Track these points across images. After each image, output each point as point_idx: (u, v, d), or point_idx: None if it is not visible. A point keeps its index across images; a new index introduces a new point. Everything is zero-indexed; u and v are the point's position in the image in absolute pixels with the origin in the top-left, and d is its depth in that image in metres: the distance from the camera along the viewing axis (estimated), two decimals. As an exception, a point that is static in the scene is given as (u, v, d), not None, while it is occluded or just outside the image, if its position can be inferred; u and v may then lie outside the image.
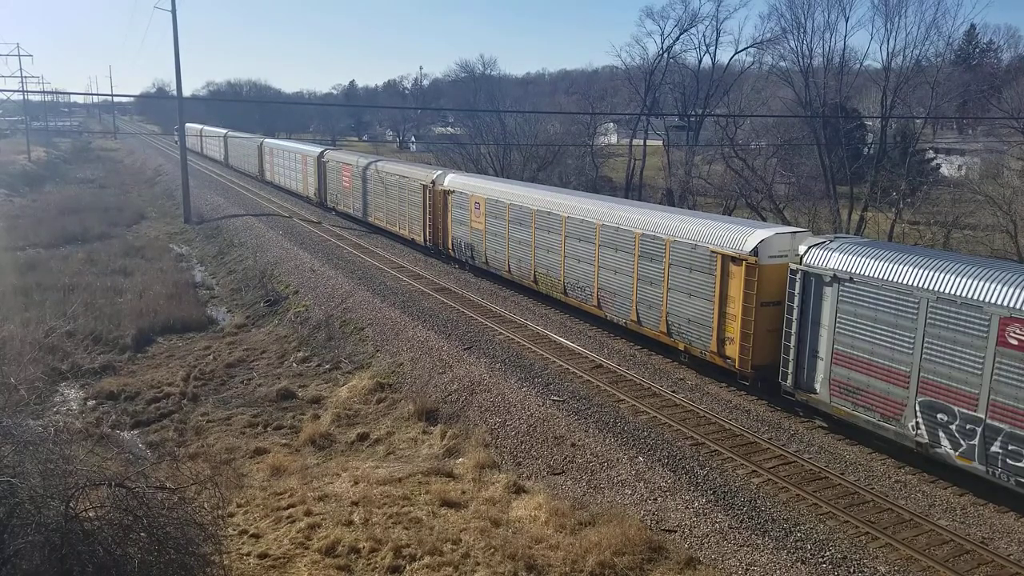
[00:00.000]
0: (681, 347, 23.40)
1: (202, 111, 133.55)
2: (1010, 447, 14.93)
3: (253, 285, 38.82)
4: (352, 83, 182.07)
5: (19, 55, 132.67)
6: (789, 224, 41.20)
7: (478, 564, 14.44)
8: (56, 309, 32.84)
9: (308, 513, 16.41)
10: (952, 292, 16.06)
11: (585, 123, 74.39)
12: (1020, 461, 14.83)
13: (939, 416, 16.22)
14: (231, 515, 16.27)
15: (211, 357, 28.71)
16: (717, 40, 73.55)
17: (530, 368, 23.26)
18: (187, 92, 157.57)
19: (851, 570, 13.61)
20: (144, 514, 12.14)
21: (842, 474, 16.78)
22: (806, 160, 58.31)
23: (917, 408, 16.63)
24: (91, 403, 24.54)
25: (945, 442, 16.16)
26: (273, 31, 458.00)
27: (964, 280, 15.98)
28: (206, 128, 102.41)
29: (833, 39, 59.39)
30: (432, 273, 35.89)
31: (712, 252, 21.76)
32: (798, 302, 19.28)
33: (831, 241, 19.60)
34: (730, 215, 48.79)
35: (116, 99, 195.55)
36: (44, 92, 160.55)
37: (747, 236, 21.08)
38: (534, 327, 27.39)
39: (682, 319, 23.11)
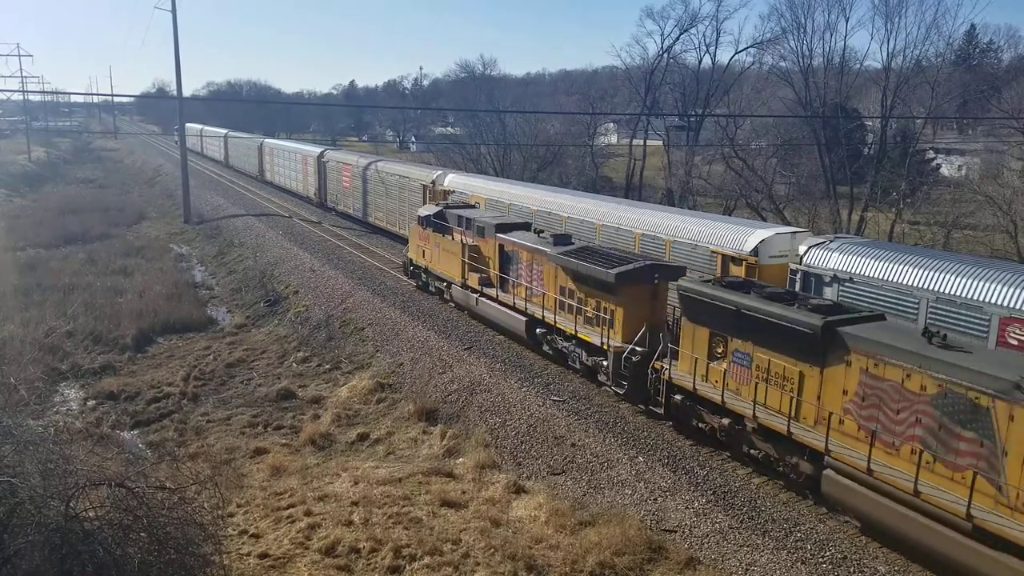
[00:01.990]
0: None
1: (202, 111, 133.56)
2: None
3: (253, 285, 38.82)
4: (352, 83, 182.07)
5: (19, 55, 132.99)
6: (789, 224, 41.20)
7: (478, 564, 14.43)
8: (56, 309, 32.85)
9: (308, 513, 16.41)
10: (952, 292, 16.07)
11: (585, 123, 74.42)
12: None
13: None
14: (231, 515, 16.26)
15: (211, 357, 28.70)
16: (717, 40, 73.66)
17: (530, 368, 23.25)
18: (187, 92, 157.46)
19: (851, 570, 13.61)
20: (144, 514, 12.14)
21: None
22: (806, 160, 58.34)
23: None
24: (91, 403, 24.54)
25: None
26: (273, 31, 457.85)
27: (964, 280, 16.00)
28: (206, 128, 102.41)
29: (833, 39, 59.55)
30: (432, 273, 35.86)
31: (712, 252, 21.76)
32: (798, 302, 19.27)
33: (831, 241, 19.64)
34: (730, 215, 48.80)
35: (116, 99, 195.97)
36: (44, 92, 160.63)
37: (747, 236, 21.10)
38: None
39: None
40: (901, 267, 17.30)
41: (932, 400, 12.80)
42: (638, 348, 19.10)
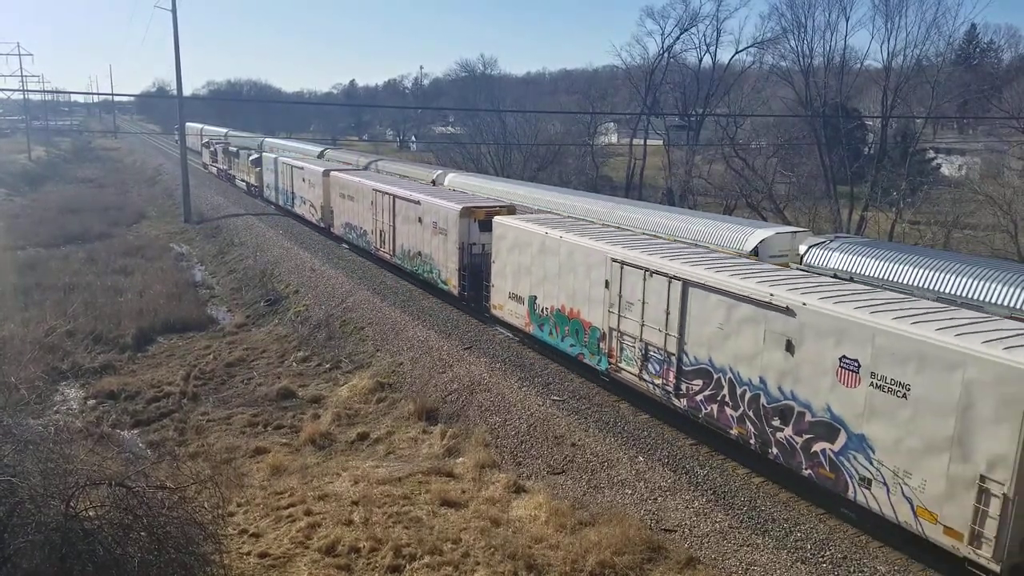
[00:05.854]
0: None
1: (203, 110, 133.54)
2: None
3: (253, 284, 38.83)
4: (352, 83, 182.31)
5: (19, 54, 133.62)
6: (789, 224, 41.19)
7: (478, 564, 14.44)
8: (56, 308, 32.82)
9: (308, 512, 16.40)
10: (952, 292, 16.07)
11: (585, 123, 74.46)
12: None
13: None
14: (231, 514, 16.25)
15: (211, 356, 28.69)
16: (717, 40, 73.86)
17: (530, 368, 23.25)
18: (187, 91, 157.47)
19: (851, 570, 13.61)
20: (144, 513, 12.14)
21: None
22: (806, 160, 58.36)
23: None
24: (91, 402, 24.52)
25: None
26: (273, 31, 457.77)
27: (964, 280, 16.00)
28: (206, 127, 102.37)
29: (834, 39, 59.61)
30: (432, 273, 35.83)
31: (712, 251, 21.76)
32: (798, 302, 19.28)
33: (831, 241, 19.65)
34: (730, 215, 48.81)
35: (116, 98, 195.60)
36: (44, 91, 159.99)
37: (747, 236, 21.12)
38: (534, 327, 27.35)
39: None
40: (901, 267, 17.31)
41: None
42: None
